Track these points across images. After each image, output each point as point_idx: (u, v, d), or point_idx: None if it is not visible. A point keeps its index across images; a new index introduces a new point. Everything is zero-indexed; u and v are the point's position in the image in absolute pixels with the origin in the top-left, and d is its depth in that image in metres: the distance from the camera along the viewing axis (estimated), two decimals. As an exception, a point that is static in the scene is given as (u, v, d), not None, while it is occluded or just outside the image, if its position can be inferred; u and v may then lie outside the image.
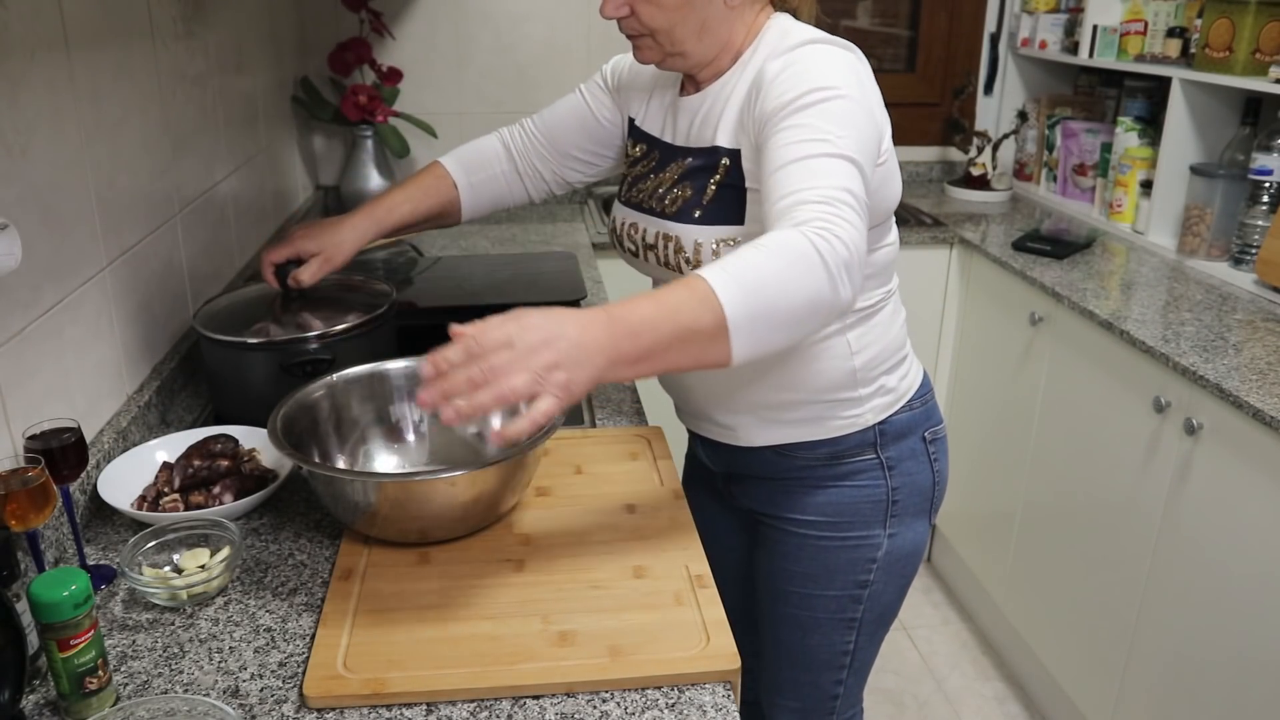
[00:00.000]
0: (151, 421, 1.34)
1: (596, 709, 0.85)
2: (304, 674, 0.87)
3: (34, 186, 1.08)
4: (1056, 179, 2.71)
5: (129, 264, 1.34)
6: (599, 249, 2.34)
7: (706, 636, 0.91)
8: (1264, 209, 1.99)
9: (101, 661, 0.83)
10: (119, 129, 1.31)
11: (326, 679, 0.86)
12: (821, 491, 1.23)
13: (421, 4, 2.59)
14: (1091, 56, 2.49)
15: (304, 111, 2.49)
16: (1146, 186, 2.32)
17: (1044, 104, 2.75)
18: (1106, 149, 2.51)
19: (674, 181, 1.17)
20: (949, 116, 2.97)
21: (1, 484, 0.87)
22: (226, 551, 1.01)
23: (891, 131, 1.11)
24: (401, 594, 0.98)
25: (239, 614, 0.97)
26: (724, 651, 0.89)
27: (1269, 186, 1.97)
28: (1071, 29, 2.62)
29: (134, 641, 0.93)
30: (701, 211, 1.13)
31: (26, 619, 0.82)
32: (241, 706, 0.85)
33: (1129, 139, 2.37)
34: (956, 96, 2.90)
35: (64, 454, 0.96)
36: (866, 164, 1.00)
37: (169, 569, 1.01)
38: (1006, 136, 2.82)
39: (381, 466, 1.18)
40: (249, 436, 1.22)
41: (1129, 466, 1.83)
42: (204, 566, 1.01)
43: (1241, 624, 1.56)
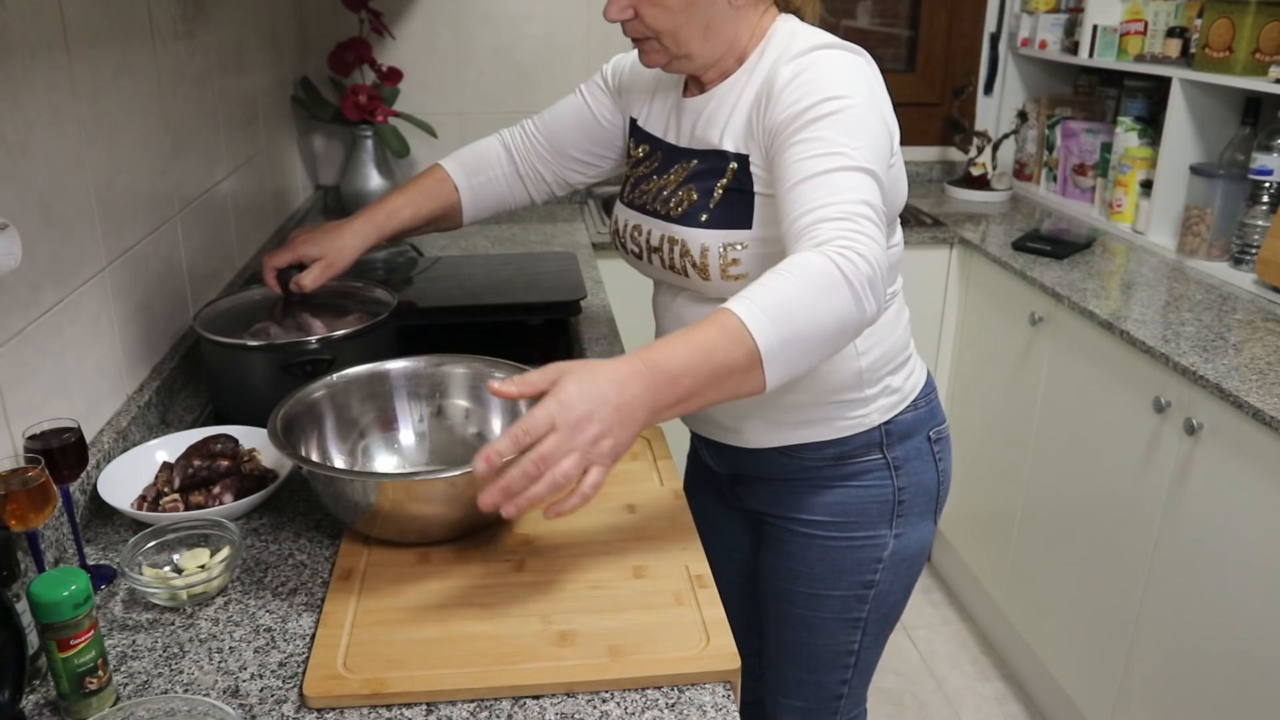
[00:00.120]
0: (151, 421, 1.34)
1: (596, 709, 0.85)
2: (304, 674, 0.87)
3: (34, 186, 1.08)
4: (1056, 179, 2.71)
5: (129, 264, 1.34)
6: (599, 249, 2.34)
7: (706, 636, 0.91)
8: (1264, 209, 1.99)
9: (101, 661, 0.83)
10: (119, 129, 1.31)
11: (326, 679, 0.86)
12: (828, 491, 1.23)
13: (421, 4, 2.59)
14: (1091, 56, 2.49)
15: (304, 111, 2.49)
16: (1146, 186, 2.32)
17: (1044, 104, 2.75)
18: (1106, 149, 2.50)
19: (678, 184, 1.16)
20: (949, 116, 2.97)
21: (1, 484, 0.87)
22: (226, 551, 1.01)
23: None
24: (401, 594, 0.98)
25: (239, 614, 0.97)
26: (724, 651, 0.89)
27: (1269, 186, 1.97)
28: (1071, 29, 2.62)
29: (134, 641, 0.93)
30: (708, 215, 1.12)
31: (26, 619, 0.82)
32: (241, 706, 0.85)
33: (1129, 139, 2.37)
34: (956, 96, 2.90)
35: (64, 454, 0.96)
36: (882, 172, 1.00)
37: (169, 569, 1.01)
38: (1006, 136, 2.82)
39: (381, 466, 1.18)
40: (249, 436, 1.22)
41: (1129, 466, 1.83)
42: (204, 566, 1.01)
43: (1241, 624, 1.56)
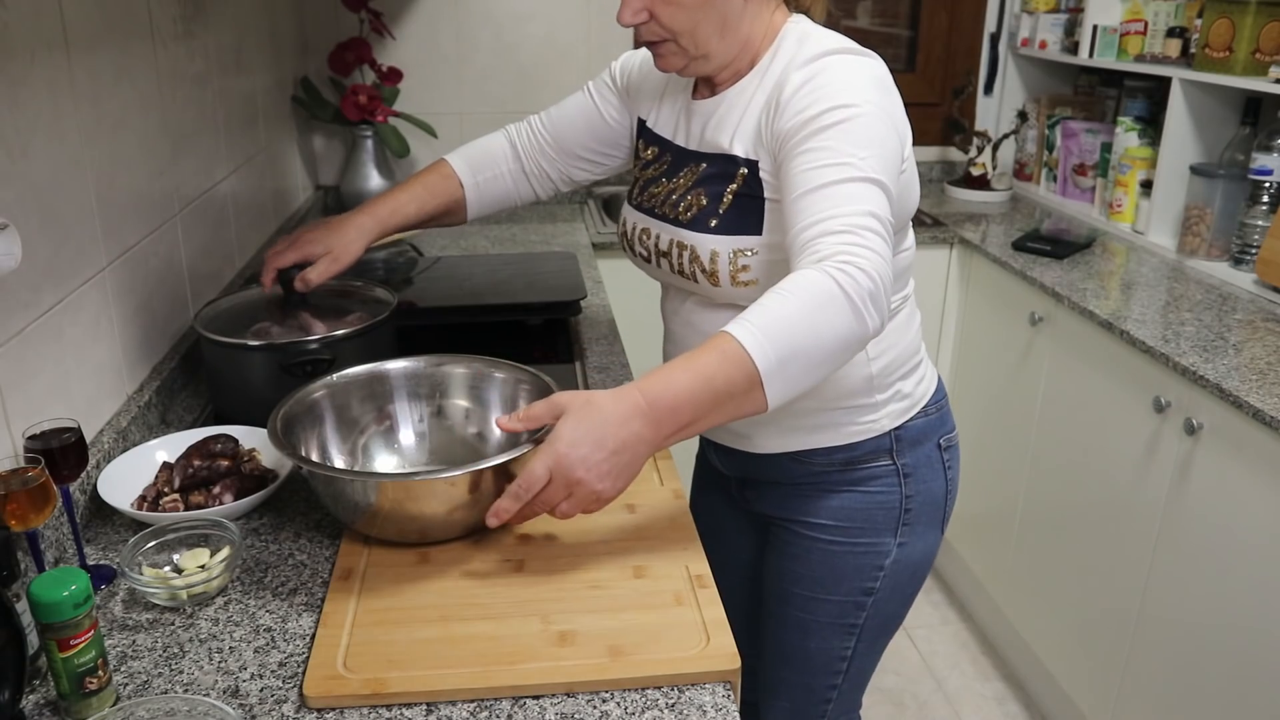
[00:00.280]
0: (151, 421, 1.34)
1: (596, 709, 0.85)
2: (304, 674, 0.87)
3: (34, 186, 1.08)
4: (1056, 179, 2.71)
5: (129, 264, 1.34)
6: (599, 249, 2.34)
7: (706, 636, 0.91)
8: (1264, 209, 1.99)
9: (101, 661, 0.83)
10: (119, 129, 1.31)
11: (326, 679, 0.86)
12: (835, 496, 1.22)
13: (421, 4, 2.59)
14: (1091, 56, 2.49)
15: (304, 111, 2.49)
16: (1146, 186, 2.32)
17: (1044, 104, 2.75)
18: (1106, 149, 2.50)
19: (688, 188, 1.15)
20: (949, 116, 2.97)
21: (1, 484, 0.87)
22: (226, 551, 1.01)
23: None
24: (401, 594, 0.98)
25: (239, 614, 0.97)
26: (724, 651, 0.89)
27: (1269, 186, 1.97)
28: (1071, 29, 2.61)
29: (134, 641, 0.93)
30: (718, 221, 1.11)
31: (26, 619, 0.82)
32: (241, 706, 0.85)
33: (1129, 139, 2.37)
34: (956, 96, 2.90)
35: (64, 454, 0.96)
36: (890, 180, 0.99)
37: (169, 569, 1.01)
38: (1006, 136, 2.82)
39: (381, 466, 1.18)
40: (249, 436, 1.22)
41: (1129, 466, 1.83)
42: (204, 566, 1.01)
43: (1242, 623, 1.56)
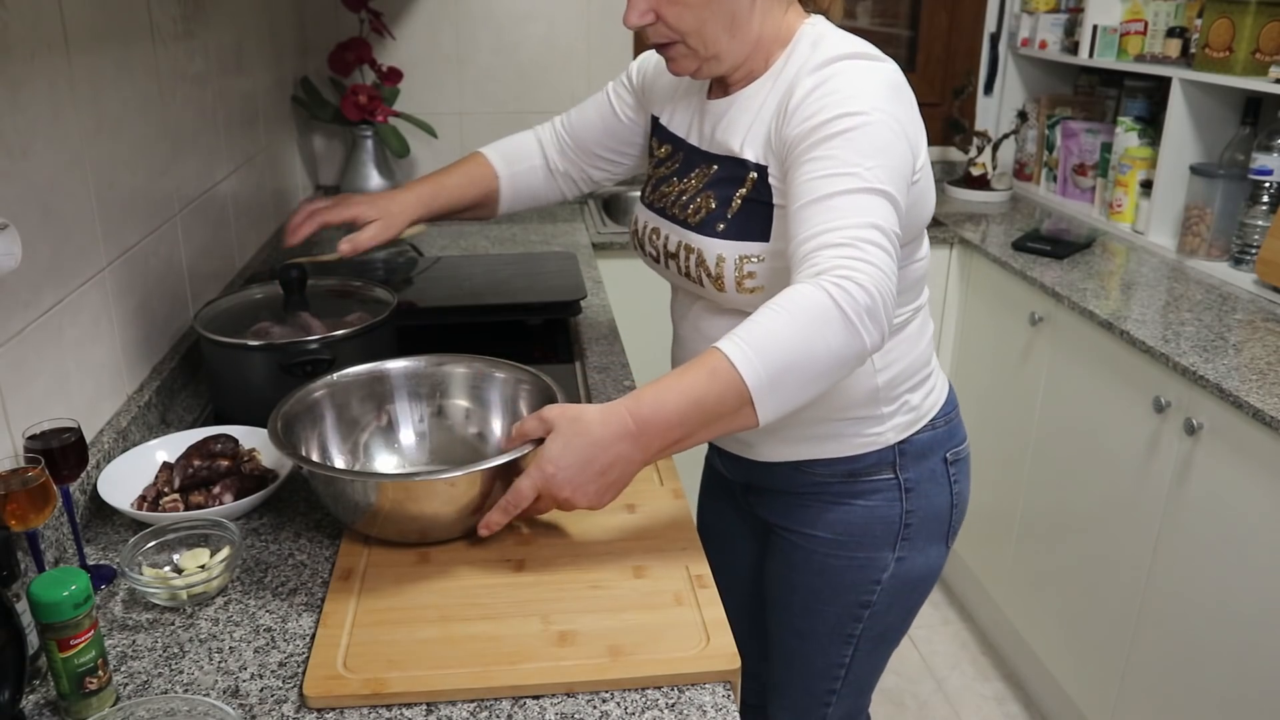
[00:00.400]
0: (151, 421, 1.34)
1: (596, 709, 0.85)
2: (304, 674, 0.87)
3: (34, 186, 1.08)
4: (1056, 179, 2.71)
5: (129, 264, 1.34)
6: (599, 249, 2.34)
7: (706, 636, 0.91)
8: (1264, 209, 1.99)
9: (101, 661, 0.83)
10: (119, 129, 1.31)
11: (326, 679, 0.86)
12: (836, 508, 1.22)
13: (421, 4, 2.59)
14: (1091, 56, 2.49)
15: (304, 111, 2.49)
16: (1146, 186, 2.32)
17: (1044, 104, 2.75)
18: (1106, 149, 2.50)
19: (698, 189, 1.14)
20: (949, 116, 2.97)
21: (1, 484, 0.87)
22: (226, 551, 1.01)
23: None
24: (401, 594, 0.98)
25: (239, 614, 0.97)
26: (724, 651, 0.89)
27: (1269, 186, 1.97)
28: (1071, 29, 2.61)
29: (134, 641, 0.93)
30: (725, 225, 1.09)
31: (26, 619, 0.82)
32: (241, 706, 0.85)
33: (1129, 139, 2.37)
34: (956, 96, 2.90)
35: (64, 454, 0.96)
36: (898, 190, 0.96)
37: (169, 569, 1.01)
38: (1006, 136, 2.82)
39: (381, 466, 1.18)
40: (249, 436, 1.22)
41: (1129, 466, 1.83)
42: (204, 566, 1.01)
43: (1241, 624, 1.56)
